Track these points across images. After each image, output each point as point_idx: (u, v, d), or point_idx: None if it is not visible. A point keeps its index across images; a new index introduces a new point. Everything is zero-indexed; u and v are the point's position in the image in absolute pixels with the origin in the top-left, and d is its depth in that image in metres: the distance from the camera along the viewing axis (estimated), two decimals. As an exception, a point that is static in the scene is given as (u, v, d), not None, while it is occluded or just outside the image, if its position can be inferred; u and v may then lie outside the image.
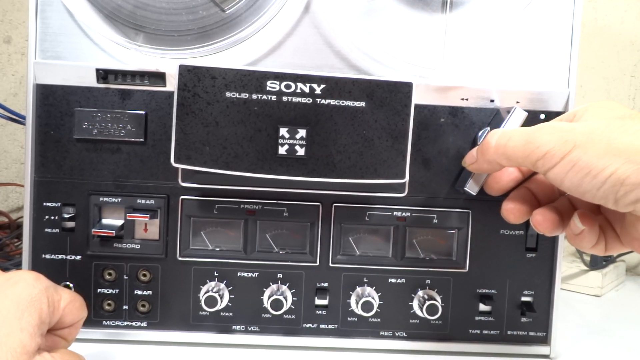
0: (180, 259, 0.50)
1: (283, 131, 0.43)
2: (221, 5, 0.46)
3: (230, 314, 0.50)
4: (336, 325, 0.51)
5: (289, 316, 0.51)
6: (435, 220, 0.50)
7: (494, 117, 0.49)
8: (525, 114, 0.46)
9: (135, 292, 0.50)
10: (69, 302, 0.38)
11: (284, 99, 0.43)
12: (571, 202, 0.43)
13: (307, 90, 0.43)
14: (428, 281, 0.51)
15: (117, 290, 0.50)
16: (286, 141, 0.43)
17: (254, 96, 0.43)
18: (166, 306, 0.50)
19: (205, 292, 0.49)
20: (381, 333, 0.51)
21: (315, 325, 0.51)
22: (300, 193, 0.49)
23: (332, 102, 0.43)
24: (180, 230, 0.49)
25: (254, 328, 0.51)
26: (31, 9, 0.47)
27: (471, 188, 0.47)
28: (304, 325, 0.51)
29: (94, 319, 0.50)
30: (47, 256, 0.49)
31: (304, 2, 0.48)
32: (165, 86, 0.48)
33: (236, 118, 0.43)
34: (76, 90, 0.48)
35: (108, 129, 0.48)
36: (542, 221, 0.41)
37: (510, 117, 0.46)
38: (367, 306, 0.49)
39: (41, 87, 0.48)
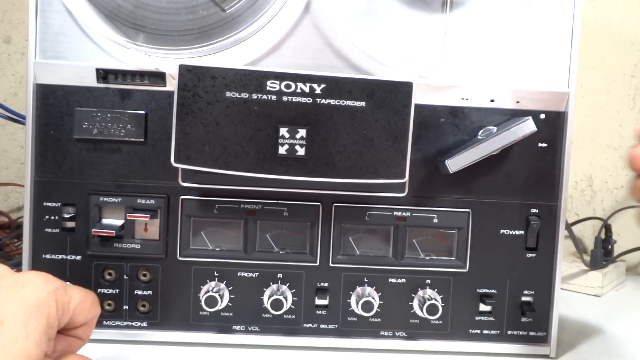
0: (180, 259, 0.50)
1: (283, 131, 0.43)
2: (221, 5, 0.46)
3: (231, 314, 0.50)
4: (336, 325, 0.51)
5: (289, 316, 0.51)
6: (435, 220, 0.50)
7: (506, 121, 0.49)
8: (534, 129, 0.46)
9: (136, 292, 0.50)
10: (79, 302, 0.38)
11: (284, 98, 0.43)
12: None
13: (307, 90, 0.43)
14: (428, 281, 0.51)
15: (117, 290, 0.50)
16: (286, 141, 0.43)
17: (254, 96, 0.43)
18: (166, 306, 0.50)
19: (206, 292, 0.49)
20: (381, 333, 0.51)
21: (316, 325, 0.51)
22: (300, 193, 0.49)
23: (332, 102, 0.43)
24: (180, 230, 0.49)
25: (254, 328, 0.51)
26: (31, 9, 0.47)
27: (453, 165, 0.45)
28: (304, 325, 0.51)
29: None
30: (47, 256, 0.49)
31: (304, 2, 0.48)
32: (165, 86, 0.48)
33: (236, 118, 0.43)
34: (76, 90, 0.48)
35: (108, 129, 0.48)
36: None
37: (516, 125, 0.46)
38: (367, 306, 0.49)
39: (41, 87, 0.48)
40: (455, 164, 0.46)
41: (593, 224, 0.92)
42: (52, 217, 0.49)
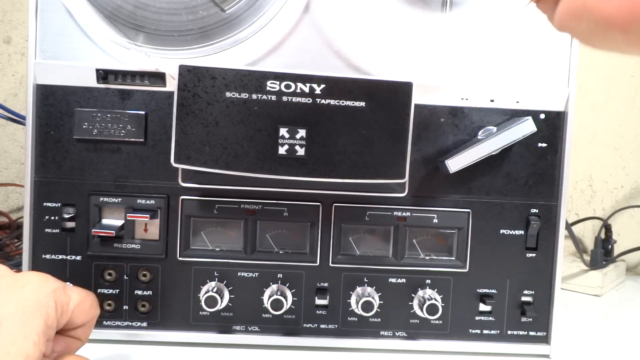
0: (180, 259, 0.50)
1: (283, 131, 0.43)
2: (221, 5, 0.46)
3: (231, 314, 0.50)
4: (336, 325, 0.51)
5: (289, 316, 0.51)
6: (435, 220, 0.50)
7: (506, 121, 0.49)
8: (534, 129, 0.46)
9: (136, 292, 0.50)
10: (78, 303, 0.38)
11: (284, 99, 0.43)
12: None
13: (307, 90, 0.43)
14: (428, 281, 0.51)
15: (117, 290, 0.50)
16: (286, 141, 0.43)
17: (254, 96, 0.43)
18: (166, 306, 0.50)
19: (206, 292, 0.49)
20: (381, 333, 0.51)
21: (316, 325, 0.51)
22: (300, 193, 0.49)
23: (332, 102, 0.43)
24: (180, 230, 0.49)
25: (254, 328, 0.51)
26: (31, 9, 0.47)
27: (453, 165, 0.46)
28: (304, 325, 0.51)
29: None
30: (47, 256, 0.49)
31: (304, 2, 0.48)
32: (165, 86, 0.48)
33: (236, 118, 0.43)
34: (76, 90, 0.48)
35: (108, 129, 0.48)
36: None
37: (516, 125, 0.46)
38: (367, 306, 0.49)
39: (41, 87, 0.48)
40: (455, 164, 0.46)
41: (593, 223, 0.92)
42: (52, 218, 0.49)
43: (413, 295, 0.51)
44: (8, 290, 0.35)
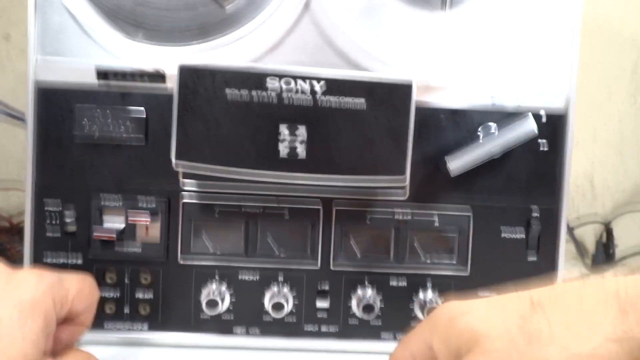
0: (181, 262, 0.49)
1: (283, 129, 0.43)
2: (221, 3, 0.46)
3: (231, 316, 0.50)
4: (337, 328, 0.51)
5: (290, 319, 0.50)
6: (436, 223, 0.50)
7: (506, 120, 0.48)
8: (534, 127, 0.46)
9: (137, 295, 0.50)
10: (76, 293, 0.37)
11: (284, 96, 0.43)
12: None
13: (307, 88, 0.43)
14: (429, 284, 0.51)
15: (118, 293, 0.50)
16: (286, 139, 0.43)
17: (254, 94, 0.43)
18: (167, 309, 0.50)
19: (206, 295, 0.48)
20: (382, 335, 0.51)
21: (317, 327, 0.51)
22: (301, 195, 0.49)
23: (333, 100, 0.43)
24: (181, 233, 0.49)
25: (255, 330, 0.51)
26: (30, 6, 0.47)
27: (454, 170, 0.46)
28: (305, 327, 0.51)
29: (95, 321, 0.49)
30: (48, 260, 0.49)
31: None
32: (165, 85, 0.47)
33: (236, 116, 0.43)
34: (76, 89, 0.47)
35: (109, 130, 0.47)
36: None
37: (517, 124, 0.46)
38: (368, 309, 0.49)
39: (41, 85, 0.47)
40: (457, 169, 0.46)
41: (594, 227, 0.91)
42: (53, 221, 0.48)
43: (414, 298, 0.51)
44: (3, 290, 0.34)
